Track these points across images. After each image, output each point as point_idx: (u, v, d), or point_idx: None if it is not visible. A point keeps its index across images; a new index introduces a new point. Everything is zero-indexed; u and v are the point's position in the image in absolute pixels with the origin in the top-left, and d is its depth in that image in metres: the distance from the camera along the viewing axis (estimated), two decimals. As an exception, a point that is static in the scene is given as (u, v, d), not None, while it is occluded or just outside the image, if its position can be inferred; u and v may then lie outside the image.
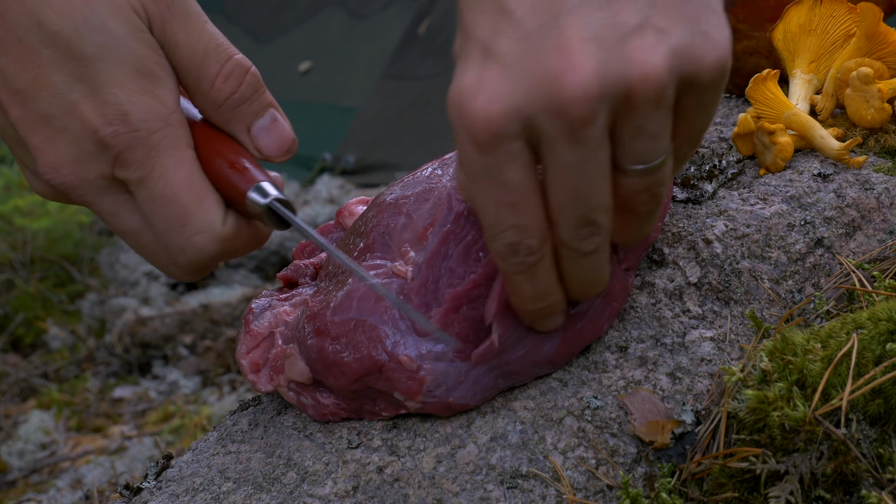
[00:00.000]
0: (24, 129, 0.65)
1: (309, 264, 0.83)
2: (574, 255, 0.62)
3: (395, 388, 0.68)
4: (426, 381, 0.68)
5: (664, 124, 0.57)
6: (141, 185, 0.65)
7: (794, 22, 0.95)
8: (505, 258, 0.61)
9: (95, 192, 0.66)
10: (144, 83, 0.64)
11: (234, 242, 0.68)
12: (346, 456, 0.70)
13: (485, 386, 0.69)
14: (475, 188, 0.59)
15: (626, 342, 0.75)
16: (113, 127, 0.63)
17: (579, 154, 0.56)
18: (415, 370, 0.68)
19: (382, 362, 0.68)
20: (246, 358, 0.76)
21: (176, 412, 2.59)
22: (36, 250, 3.24)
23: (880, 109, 0.89)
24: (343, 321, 0.70)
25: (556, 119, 0.55)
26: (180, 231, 0.66)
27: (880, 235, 0.82)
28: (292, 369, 0.72)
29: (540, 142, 0.57)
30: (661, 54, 0.54)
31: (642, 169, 0.59)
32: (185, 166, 0.65)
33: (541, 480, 0.66)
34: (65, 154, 0.64)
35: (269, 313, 0.79)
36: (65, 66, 0.63)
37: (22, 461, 2.48)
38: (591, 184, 0.58)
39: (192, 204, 0.65)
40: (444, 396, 0.68)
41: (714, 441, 0.66)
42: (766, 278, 0.79)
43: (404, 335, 0.69)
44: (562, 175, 0.57)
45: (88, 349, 2.99)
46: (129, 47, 0.64)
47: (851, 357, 0.63)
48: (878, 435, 0.62)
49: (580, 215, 0.59)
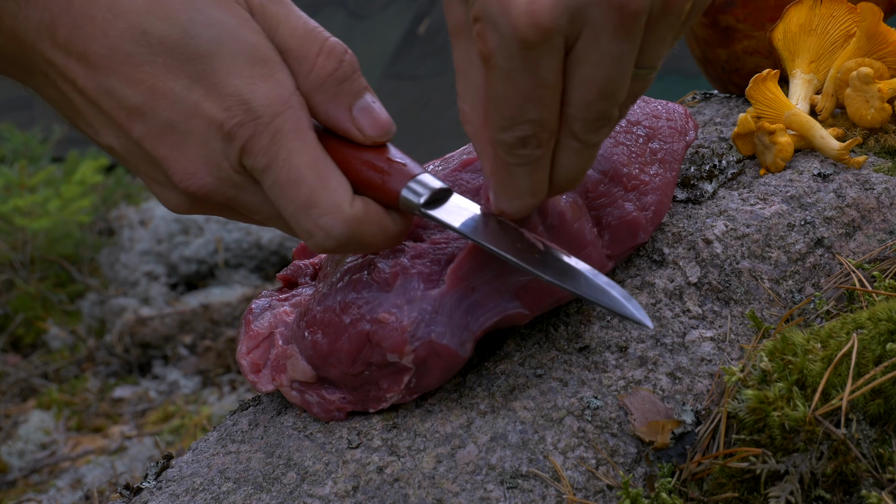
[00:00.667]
0: (150, 143, 0.64)
1: (309, 264, 0.83)
2: (579, 148, 0.62)
3: (385, 349, 0.69)
4: (407, 328, 0.68)
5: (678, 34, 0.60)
6: (268, 171, 0.64)
7: (794, 22, 0.95)
8: (512, 150, 0.61)
9: (233, 187, 0.66)
10: (261, 69, 0.64)
11: (363, 227, 0.66)
12: (346, 456, 0.70)
13: (458, 323, 0.69)
14: (503, 82, 0.58)
15: (626, 342, 0.75)
16: (236, 118, 0.63)
17: (621, 48, 0.56)
18: (394, 321, 0.68)
19: (367, 330, 0.69)
20: (246, 358, 0.76)
21: (176, 412, 2.59)
22: (36, 250, 3.24)
23: (880, 109, 0.89)
24: (326, 308, 0.71)
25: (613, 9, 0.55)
26: (307, 213, 0.65)
27: (880, 235, 0.82)
28: (295, 369, 0.72)
29: (582, 35, 0.56)
30: None
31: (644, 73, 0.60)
32: (309, 149, 0.65)
33: (541, 480, 0.66)
34: (196, 157, 0.64)
35: (269, 313, 0.79)
36: (180, 69, 0.62)
37: (22, 461, 2.48)
38: (621, 79, 0.58)
39: (317, 186, 0.64)
40: (426, 335, 0.68)
41: (714, 441, 0.66)
42: (766, 278, 0.79)
43: (377, 297, 0.70)
44: (597, 70, 0.57)
45: (88, 349, 2.99)
46: (240, 37, 0.63)
47: (851, 357, 0.63)
48: (878, 435, 0.62)
49: (602, 110, 0.59)
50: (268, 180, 0.65)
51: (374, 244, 0.67)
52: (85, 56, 0.63)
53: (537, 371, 0.73)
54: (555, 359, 0.74)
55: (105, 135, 0.66)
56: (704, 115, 1.06)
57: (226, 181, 0.65)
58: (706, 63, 1.09)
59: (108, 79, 0.63)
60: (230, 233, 3.34)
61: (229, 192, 0.66)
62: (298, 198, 0.65)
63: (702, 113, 1.06)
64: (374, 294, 0.70)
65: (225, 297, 3.10)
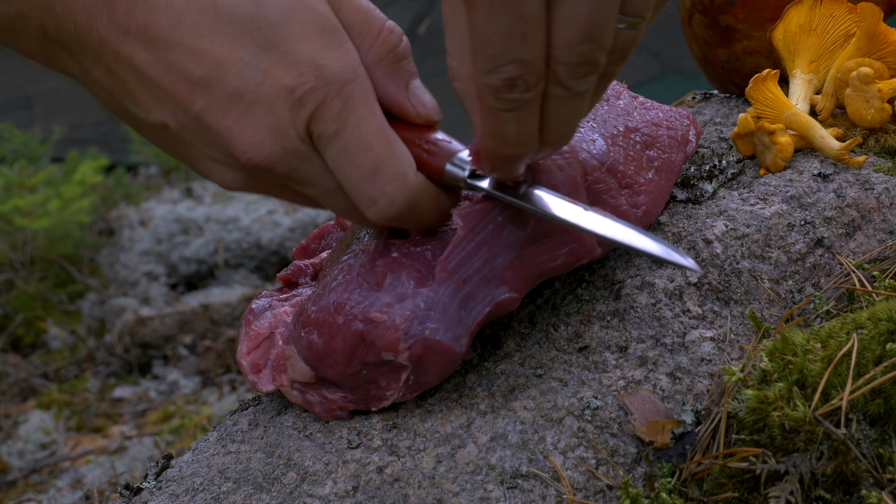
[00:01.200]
0: (213, 115, 0.65)
1: (309, 265, 0.83)
2: (565, 96, 0.60)
3: (379, 348, 0.69)
4: (399, 326, 0.68)
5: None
6: (336, 137, 0.65)
7: (794, 22, 0.95)
8: (499, 93, 0.59)
9: (297, 158, 0.66)
10: (332, 38, 0.65)
11: (423, 198, 0.68)
12: (346, 456, 0.70)
13: (452, 318, 0.69)
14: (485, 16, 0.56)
15: (626, 342, 0.75)
16: (309, 83, 0.64)
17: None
18: (387, 320, 0.68)
19: (361, 330, 0.69)
20: (246, 358, 0.77)
21: (176, 412, 2.59)
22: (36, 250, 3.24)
23: (880, 109, 0.89)
24: (320, 309, 0.71)
25: None
26: (373, 180, 0.66)
27: (880, 235, 0.82)
28: (294, 370, 0.72)
29: None
30: None
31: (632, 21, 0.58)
32: (377, 117, 0.66)
33: (541, 480, 0.66)
34: (263, 126, 0.65)
35: (270, 314, 0.79)
36: (249, 38, 0.63)
37: (22, 461, 2.48)
38: (606, 20, 0.57)
39: (385, 153, 0.66)
40: (420, 332, 0.68)
41: (714, 441, 0.66)
42: (766, 278, 0.79)
43: (368, 297, 0.70)
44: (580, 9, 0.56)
45: (88, 349, 2.99)
46: (310, 6, 0.65)
47: (851, 357, 0.63)
48: (878, 435, 0.62)
49: (585, 53, 0.58)
50: (336, 146, 0.65)
51: (429, 217, 0.69)
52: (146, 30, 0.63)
53: (537, 371, 0.73)
54: (555, 359, 0.74)
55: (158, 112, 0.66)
56: (704, 115, 1.06)
57: (291, 151, 0.66)
58: (706, 63, 1.09)
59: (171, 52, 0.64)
60: (230, 233, 3.34)
61: (292, 163, 0.66)
62: (366, 164, 0.66)
63: (702, 113, 1.07)
64: (365, 294, 0.70)
65: (225, 297, 3.10)
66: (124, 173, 3.83)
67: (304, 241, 0.86)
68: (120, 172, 3.79)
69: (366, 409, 0.72)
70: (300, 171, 0.67)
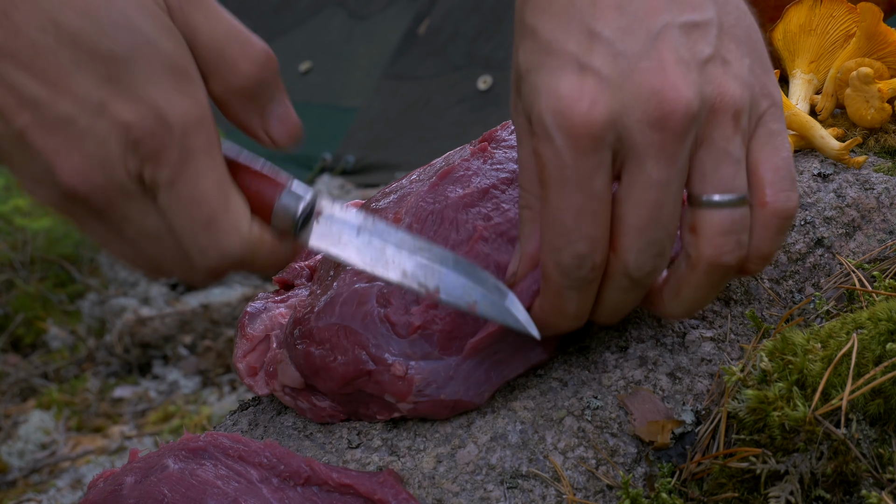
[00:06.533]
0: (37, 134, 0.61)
1: (304, 266, 0.83)
2: (628, 284, 0.64)
3: (385, 390, 0.68)
4: (415, 382, 0.68)
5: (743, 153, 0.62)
6: (171, 186, 0.62)
7: (794, 22, 0.95)
8: (568, 271, 0.62)
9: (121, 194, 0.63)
10: (178, 82, 0.62)
11: (258, 249, 0.66)
12: (346, 456, 0.70)
13: (477, 380, 0.69)
14: (558, 194, 0.60)
15: (626, 342, 0.75)
16: (148, 126, 0.60)
17: (667, 172, 0.59)
18: (403, 372, 0.68)
19: (369, 368, 0.68)
20: (242, 362, 0.76)
21: (176, 412, 2.59)
22: (36, 250, 3.24)
23: (880, 109, 0.89)
24: (327, 326, 0.70)
25: (655, 131, 0.58)
26: (206, 233, 0.64)
27: (880, 235, 0.82)
28: (284, 374, 0.72)
29: (627, 157, 0.59)
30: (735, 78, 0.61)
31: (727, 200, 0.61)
32: (216, 169, 0.63)
33: (541, 480, 0.66)
34: (91, 156, 0.61)
35: (265, 316, 0.79)
36: (90, 66, 0.60)
37: (22, 461, 2.48)
38: (671, 206, 0.60)
39: (220, 206, 0.63)
40: (435, 394, 0.68)
41: (714, 441, 0.66)
42: (766, 278, 0.79)
43: (387, 339, 0.69)
44: (645, 194, 0.60)
45: (88, 349, 2.99)
46: (160, 45, 0.61)
47: (851, 357, 0.63)
48: (878, 435, 0.62)
49: (653, 240, 0.61)
50: (168, 195, 0.63)
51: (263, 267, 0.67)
52: None
53: (537, 371, 0.73)
54: (555, 359, 0.74)
55: None
56: (704, 115, 1.06)
57: (116, 186, 0.62)
58: (706, 63, 1.09)
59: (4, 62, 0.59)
60: (230, 233, 3.34)
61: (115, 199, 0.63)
62: (200, 216, 0.63)
63: (702, 113, 1.07)
64: (386, 334, 0.69)
65: (225, 297, 3.10)
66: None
67: None
68: (120, 172, 3.78)
69: (356, 419, 0.72)
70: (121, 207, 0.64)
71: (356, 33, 4.74)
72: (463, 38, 4.44)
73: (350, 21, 4.83)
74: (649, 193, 0.60)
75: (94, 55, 0.60)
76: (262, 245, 0.66)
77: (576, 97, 0.58)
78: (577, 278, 0.62)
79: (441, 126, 4.07)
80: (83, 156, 0.61)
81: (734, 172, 0.61)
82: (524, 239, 0.67)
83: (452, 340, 0.69)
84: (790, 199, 0.63)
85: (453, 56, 4.40)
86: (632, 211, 0.60)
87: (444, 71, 4.39)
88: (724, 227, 0.62)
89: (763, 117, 0.63)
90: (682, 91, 0.58)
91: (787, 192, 0.63)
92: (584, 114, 0.58)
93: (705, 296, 0.65)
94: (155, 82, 0.61)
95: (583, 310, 0.65)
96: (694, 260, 0.63)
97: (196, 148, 0.62)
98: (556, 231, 0.61)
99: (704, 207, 0.61)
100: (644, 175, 0.59)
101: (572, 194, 0.60)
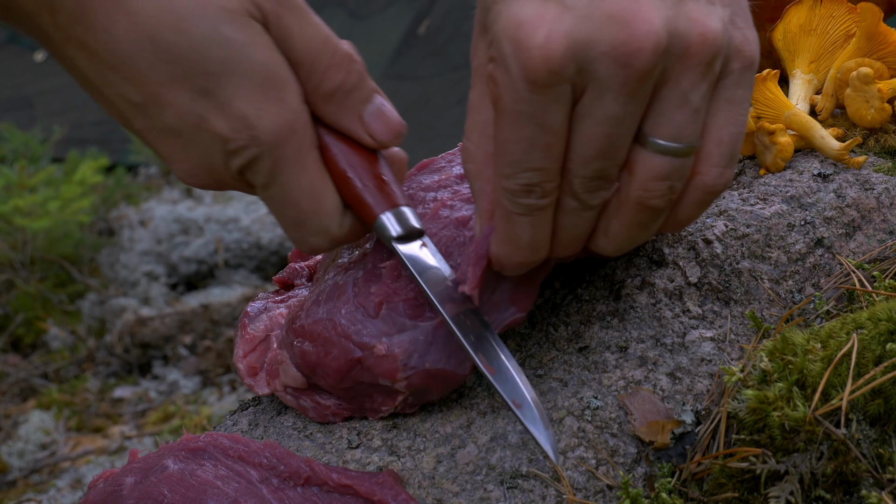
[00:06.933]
0: (152, 138, 0.65)
1: (304, 266, 0.83)
2: (577, 208, 0.62)
3: (377, 374, 0.68)
4: (398, 356, 0.68)
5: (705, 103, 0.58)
6: (265, 189, 0.66)
7: (794, 22, 0.95)
8: (516, 198, 0.61)
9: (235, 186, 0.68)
10: (269, 91, 0.64)
11: (347, 240, 0.70)
12: (346, 456, 0.70)
13: (457, 343, 0.68)
14: (510, 125, 0.58)
15: (626, 342, 0.75)
16: (241, 141, 0.64)
17: (624, 109, 0.57)
18: (385, 350, 0.68)
19: (357, 356, 0.69)
20: (242, 362, 0.76)
21: (176, 412, 2.59)
22: (36, 250, 3.24)
23: (880, 109, 0.89)
24: (315, 322, 0.71)
25: (619, 67, 0.55)
26: (296, 231, 0.68)
27: (880, 235, 0.82)
28: (286, 375, 0.72)
29: (587, 89, 0.57)
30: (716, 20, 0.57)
31: (672, 148, 0.59)
32: (307, 174, 0.66)
33: (541, 480, 0.66)
34: (199, 162, 0.65)
35: (265, 316, 0.79)
36: (186, 81, 0.62)
37: (22, 461, 2.48)
38: (622, 140, 0.58)
39: (310, 209, 0.67)
40: (420, 364, 0.68)
41: (714, 441, 0.66)
42: (766, 278, 0.79)
43: (364, 323, 0.69)
44: (599, 128, 0.57)
45: (88, 349, 2.99)
46: (251, 57, 0.63)
47: (851, 357, 0.63)
48: (878, 435, 0.62)
49: (600, 168, 0.59)
50: (265, 195, 0.67)
51: None
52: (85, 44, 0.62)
53: (537, 371, 0.73)
54: (555, 359, 0.74)
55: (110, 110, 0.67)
56: (704, 115, 1.06)
57: (226, 185, 0.68)
58: (706, 63, 1.09)
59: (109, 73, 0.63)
60: (230, 233, 3.34)
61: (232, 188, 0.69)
62: (291, 216, 0.67)
63: (702, 113, 1.07)
64: (362, 319, 0.70)
65: (225, 297, 3.10)
66: (124, 173, 3.83)
67: None
68: (120, 172, 3.79)
69: (361, 417, 0.72)
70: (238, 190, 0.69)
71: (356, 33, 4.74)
72: (463, 38, 4.44)
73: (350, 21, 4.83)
74: (603, 127, 0.57)
75: (188, 71, 0.62)
76: (353, 237, 0.70)
77: (535, 25, 0.55)
78: (527, 204, 0.61)
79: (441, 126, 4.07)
80: (192, 162, 0.66)
81: (689, 121, 0.58)
82: (476, 195, 0.66)
83: (420, 307, 0.69)
84: (722, 177, 0.61)
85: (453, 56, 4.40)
86: (582, 142, 0.58)
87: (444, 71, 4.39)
88: (661, 173, 0.60)
89: (729, 77, 0.60)
90: (653, 24, 0.55)
91: (721, 169, 0.61)
92: (541, 45, 0.55)
93: (634, 235, 0.63)
94: (246, 95, 0.63)
95: (537, 239, 0.63)
96: (623, 198, 0.61)
97: (286, 156, 0.65)
98: (507, 160, 0.59)
99: (648, 148, 0.59)
100: (601, 109, 0.57)
101: (525, 127, 0.58)
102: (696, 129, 0.59)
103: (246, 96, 0.63)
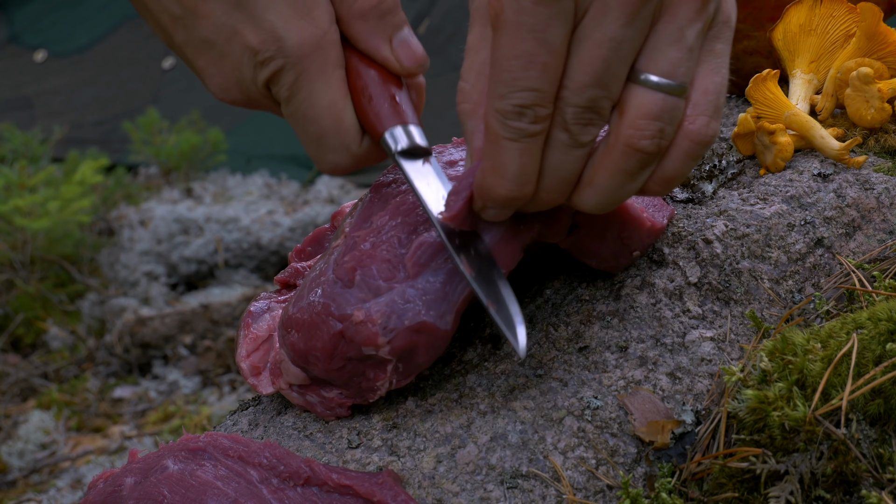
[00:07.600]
0: (190, 52, 0.69)
1: (305, 267, 0.83)
2: (567, 143, 0.61)
3: (359, 343, 0.68)
4: (376, 320, 0.68)
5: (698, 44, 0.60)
6: (288, 103, 0.69)
7: (794, 22, 0.95)
8: (507, 120, 0.60)
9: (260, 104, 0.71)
10: (300, 7, 0.67)
11: (367, 160, 0.72)
12: (346, 456, 0.70)
13: (435, 297, 0.68)
14: (510, 39, 0.58)
15: (626, 342, 0.75)
16: (269, 52, 0.67)
17: (624, 31, 0.57)
18: (363, 317, 0.68)
19: (339, 329, 0.69)
20: (246, 361, 0.76)
21: (176, 412, 2.59)
22: (36, 250, 3.24)
23: (880, 109, 0.89)
24: (300, 309, 0.71)
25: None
26: (317, 147, 0.71)
27: (880, 235, 0.82)
28: (288, 373, 0.73)
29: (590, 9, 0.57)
30: None
31: (665, 84, 0.59)
32: (330, 91, 0.69)
33: (541, 480, 0.66)
34: (230, 75, 0.69)
35: (268, 315, 0.79)
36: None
37: (22, 461, 2.48)
38: (618, 67, 0.59)
39: (330, 126, 0.70)
40: (400, 325, 0.67)
41: (714, 441, 0.66)
42: (766, 278, 0.79)
43: (342, 295, 0.69)
44: (597, 50, 0.58)
45: (88, 349, 2.99)
46: None
47: (851, 357, 0.63)
48: (878, 435, 0.62)
49: (594, 98, 0.59)
50: (287, 110, 0.70)
51: None
52: None
53: (537, 371, 0.73)
54: (555, 359, 0.74)
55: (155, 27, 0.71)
56: (704, 115, 1.06)
57: (254, 100, 0.71)
58: (706, 63, 1.09)
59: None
60: (230, 233, 3.34)
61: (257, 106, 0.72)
62: (312, 132, 0.70)
63: (702, 113, 1.06)
64: (339, 291, 0.70)
65: (225, 297, 3.10)
66: (124, 173, 3.83)
67: (300, 245, 0.86)
68: (120, 172, 3.78)
69: (364, 402, 0.72)
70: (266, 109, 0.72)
71: (356, 33, 4.73)
72: (463, 38, 4.43)
73: (350, 21, 4.83)
74: (601, 50, 0.58)
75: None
76: (370, 159, 0.72)
77: None
78: (518, 128, 0.60)
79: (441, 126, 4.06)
80: (223, 76, 0.70)
81: (682, 59, 0.59)
82: (468, 135, 0.65)
83: (394, 269, 0.69)
84: (709, 126, 0.61)
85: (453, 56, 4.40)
86: (579, 66, 0.58)
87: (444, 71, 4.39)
88: (652, 112, 0.59)
89: (714, 29, 0.61)
90: None
91: (708, 119, 0.61)
92: None
93: (619, 185, 0.62)
94: (277, 9, 0.67)
95: (524, 172, 0.62)
96: (612, 141, 0.61)
97: (310, 70, 0.68)
98: (502, 78, 0.59)
99: (640, 85, 0.59)
100: (600, 31, 0.57)
101: (525, 40, 0.57)
102: (689, 70, 0.60)
103: (277, 10, 0.67)
